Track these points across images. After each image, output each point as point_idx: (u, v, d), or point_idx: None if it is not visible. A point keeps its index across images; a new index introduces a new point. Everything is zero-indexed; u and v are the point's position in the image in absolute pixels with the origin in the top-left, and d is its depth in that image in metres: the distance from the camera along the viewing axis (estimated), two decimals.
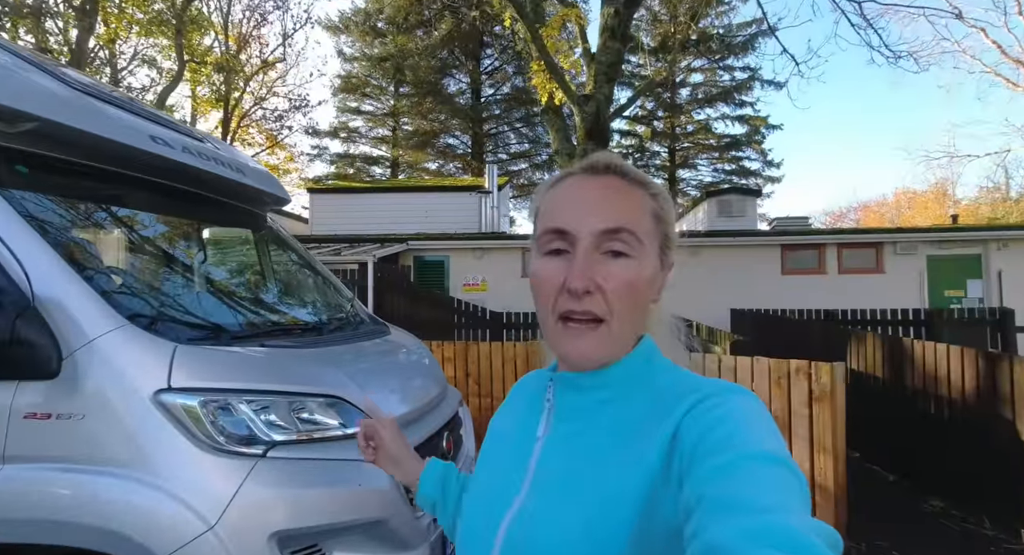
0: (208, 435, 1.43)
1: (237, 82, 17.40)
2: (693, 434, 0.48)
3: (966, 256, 9.69)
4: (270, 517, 1.42)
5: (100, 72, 14.31)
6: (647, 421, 0.54)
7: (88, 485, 1.39)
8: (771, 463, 0.43)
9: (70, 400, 1.40)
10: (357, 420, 1.73)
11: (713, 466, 0.43)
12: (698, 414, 0.50)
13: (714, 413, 0.49)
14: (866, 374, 4.47)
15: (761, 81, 22.21)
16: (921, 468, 3.85)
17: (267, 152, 20.98)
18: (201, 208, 2.43)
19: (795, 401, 2.86)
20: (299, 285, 2.89)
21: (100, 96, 1.99)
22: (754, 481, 0.41)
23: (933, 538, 3.13)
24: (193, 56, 15.18)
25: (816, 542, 0.35)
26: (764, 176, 24.46)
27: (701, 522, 0.40)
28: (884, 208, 33.49)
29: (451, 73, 24.33)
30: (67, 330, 1.42)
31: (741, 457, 0.43)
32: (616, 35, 7.81)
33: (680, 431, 0.50)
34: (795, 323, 6.65)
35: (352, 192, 14.01)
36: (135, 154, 1.90)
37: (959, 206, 25.28)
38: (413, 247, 10.46)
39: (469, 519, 0.65)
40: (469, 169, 23.33)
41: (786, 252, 10.00)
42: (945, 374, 3.61)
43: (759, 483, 0.41)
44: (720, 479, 0.42)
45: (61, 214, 1.70)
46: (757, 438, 0.45)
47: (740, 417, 0.48)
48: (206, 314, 1.87)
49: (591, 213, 0.58)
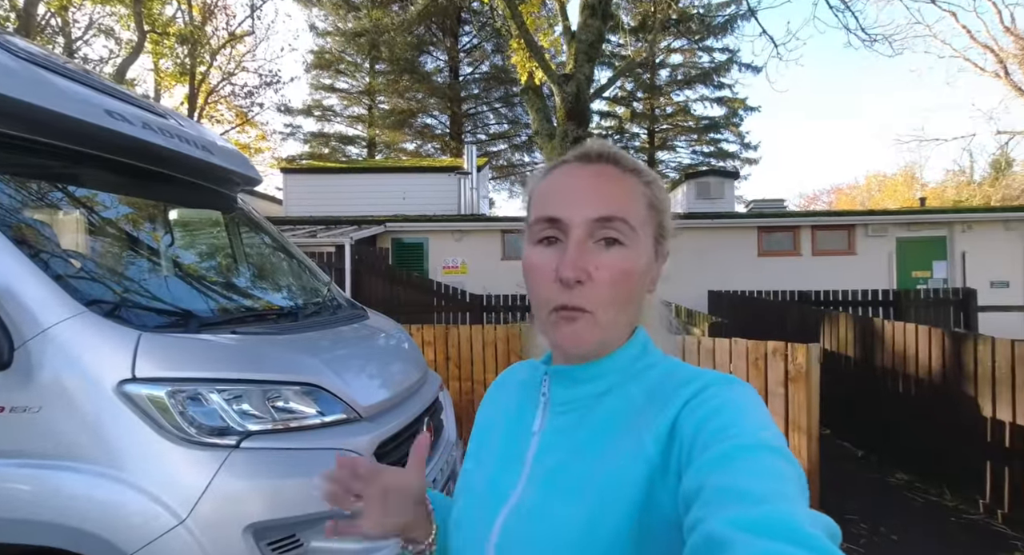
0: (177, 426, 1.37)
1: (203, 55, 16.64)
2: (691, 426, 0.48)
3: (932, 238, 10.00)
4: (245, 509, 1.38)
5: (52, 42, 13.51)
6: (644, 413, 0.54)
7: (48, 480, 1.32)
8: (769, 453, 0.43)
9: (24, 392, 1.32)
10: (335, 408, 1.70)
11: (711, 457, 0.43)
12: (695, 405, 0.50)
13: (711, 404, 0.49)
14: (838, 354, 4.59)
15: (740, 63, 22.28)
16: (888, 444, 4.00)
17: (237, 130, 20.27)
18: (165, 188, 2.31)
19: (771, 381, 2.91)
20: (273, 269, 2.79)
21: (49, 67, 1.85)
22: (752, 471, 0.41)
23: (898, 509, 3.27)
24: (154, 26, 14.41)
25: (815, 532, 0.35)
26: (742, 158, 24.74)
27: (700, 513, 0.39)
28: (856, 191, 34.30)
29: (428, 50, 23.72)
30: (18, 318, 1.33)
31: (739, 448, 0.43)
32: (596, 13, 7.68)
33: (678, 423, 0.50)
34: (771, 304, 6.79)
35: (328, 172, 13.67)
36: (89, 130, 1.78)
37: (926, 189, 26.03)
38: (391, 229, 10.31)
39: (463, 515, 0.63)
40: (448, 150, 22.96)
41: (762, 234, 10.16)
42: (913, 353, 3.73)
43: (757, 473, 0.41)
44: (718, 470, 0.42)
45: (9, 194, 1.59)
46: (754, 428, 0.45)
47: (737, 408, 0.48)
48: (173, 300, 1.78)
49: (584, 201, 0.57)
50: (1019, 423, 2.95)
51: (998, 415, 3.07)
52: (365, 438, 1.69)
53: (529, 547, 0.52)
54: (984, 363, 3.16)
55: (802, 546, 0.34)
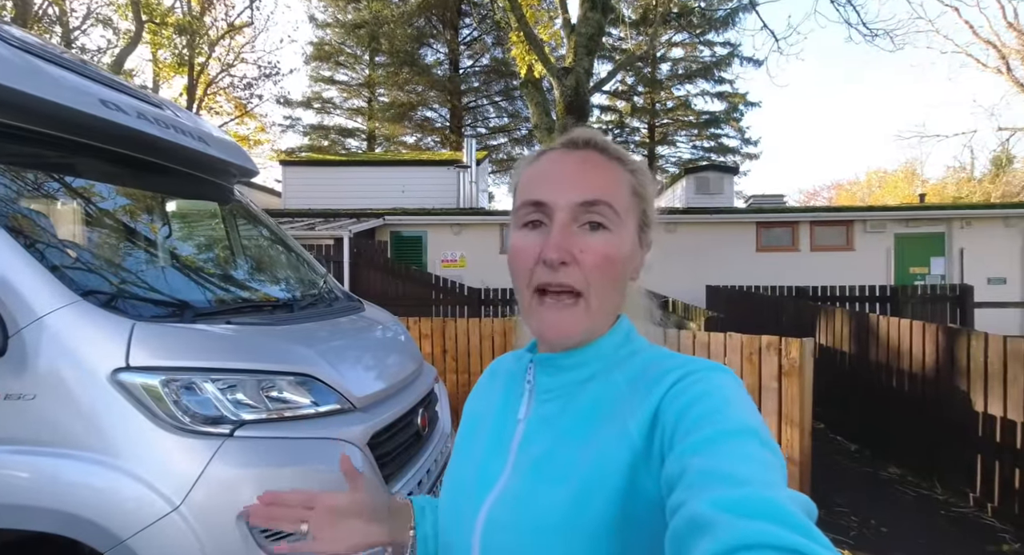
0: (171, 415, 1.38)
1: (201, 46, 16.53)
2: (674, 411, 0.49)
3: (931, 234, 10.00)
4: (238, 496, 1.39)
5: (49, 31, 13.41)
6: (628, 399, 0.54)
7: (45, 467, 1.34)
8: (750, 437, 0.44)
9: (19, 380, 1.33)
10: (329, 399, 1.71)
11: (694, 441, 0.44)
12: (678, 391, 0.50)
13: (694, 390, 0.50)
14: (833, 349, 4.61)
15: (740, 58, 22.14)
16: (881, 438, 4.02)
17: (236, 121, 20.16)
18: (161, 179, 2.31)
19: (765, 375, 2.93)
20: (269, 260, 2.80)
21: (43, 56, 1.84)
22: (734, 455, 0.42)
23: (889, 502, 3.30)
24: (152, 16, 14.30)
25: (794, 510, 0.36)
26: (742, 153, 24.67)
27: (683, 496, 0.40)
28: (856, 187, 34.26)
29: (428, 42, 23.58)
30: (13, 306, 1.34)
31: (721, 432, 0.44)
32: (596, 6, 7.63)
33: (661, 408, 0.50)
34: (768, 299, 6.81)
35: (327, 165, 13.64)
36: (83, 119, 1.78)
37: (927, 186, 26.00)
38: (390, 222, 10.29)
39: (449, 503, 0.64)
40: (447, 143, 22.87)
41: (761, 229, 10.16)
42: (907, 348, 3.75)
43: (738, 457, 0.42)
44: (701, 454, 0.43)
45: (4, 184, 1.59)
46: (736, 414, 0.46)
47: (719, 394, 0.49)
48: (168, 290, 1.79)
49: (569, 185, 0.57)
50: (1010, 418, 2.98)
51: (989, 410, 3.10)
52: (359, 428, 1.71)
53: (514, 533, 0.53)
54: (976, 359, 3.18)
55: (783, 525, 0.35)
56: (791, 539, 0.33)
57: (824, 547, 0.34)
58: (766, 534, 0.34)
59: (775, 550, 0.33)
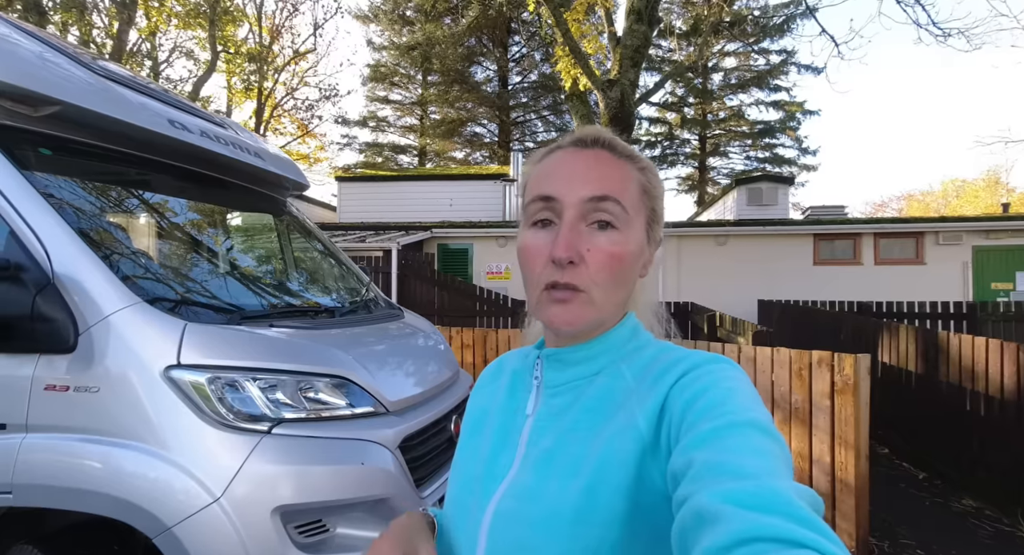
0: (215, 411, 1.47)
1: (269, 72, 17.72)
2: (681, 404, 0.49)
3: (1016, 247, 9.17)
4: (274, 492, 1.46)
5: (141, 64, 14.77)
6: (635, 393, 0.55)
7: (111, 456, 1.45)
8: (756, 431, 0.44)
9: (86, 374, 1.46)
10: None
11: (700, 434, 0.44)
12: (685, 384, 0.51)
13: (700, 383, 0.50)
14: (898, 368, 4.30)
15: (797, 65, 21.33)
16: (954, 466, 3.69)
17: (298, 141, 21.34)
18: (221, 192, 2.49)
19: (816, 393, 2.77)
20: (315, 269, 2.94)
21: (123, 82, 2.04)
22: (740, 448, 0.42)
23: (962, 538, 3.01)
24: (227, 47, 15.49)
25: (799, 503, 0.36)
26: (799, 164, 23.59)
27: (689, 488, 0.40)
28: (930, 197, 32.00)
29: (478, 61, 24.19)
30: (84, 306, 1.47)
31: (727, 425, 0.44)
32: (643, 18, 7.60)
33: (668, 401, 0.51)
34: (825, 314, 6.43)
35: (378, 180, 14.16)
36: (153, 137, 1.95)
37: (1012, 195, 23.89)
38: (437, 235, 10.54)
39: (455, 497, 0.64)
40: (496, 157, 23.26)
41: (819, 242, 9.65)
42: (983, 369, 3.43)
43: (745, 450, 0.42)
44: (707, 446, 0.43)
45: (81, 195, 1.77)
46: (742, 407, 0.46)
47: (725, 387, 0.49)
48: (218, 295, 1.92)
49: (578, 181, 0.58)
50: None
51: None
52: (391, 431, 1.75)
53: (524, 525, 0.53)
54: None
55: (789, 518, 0.35)
56: (797, 532, 0.33)
57: (830, 540, 0.33)
58: (772, 527, 0.34)
59: (781, 543, 0.33)
